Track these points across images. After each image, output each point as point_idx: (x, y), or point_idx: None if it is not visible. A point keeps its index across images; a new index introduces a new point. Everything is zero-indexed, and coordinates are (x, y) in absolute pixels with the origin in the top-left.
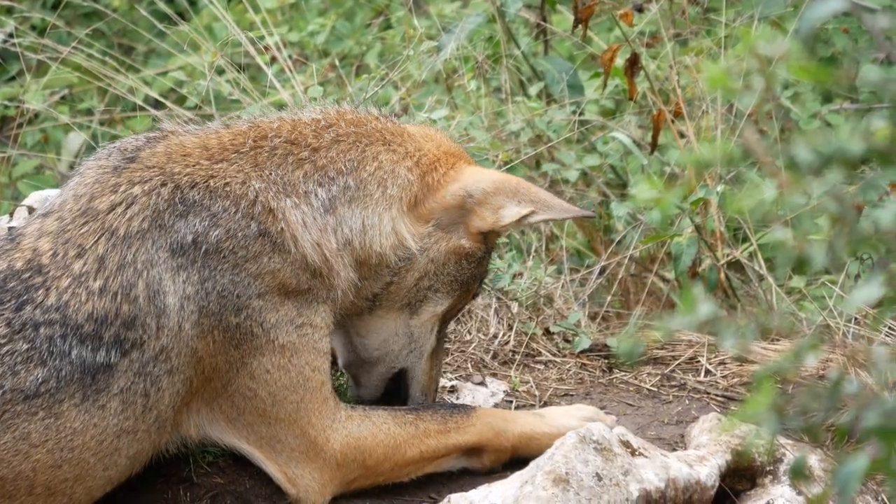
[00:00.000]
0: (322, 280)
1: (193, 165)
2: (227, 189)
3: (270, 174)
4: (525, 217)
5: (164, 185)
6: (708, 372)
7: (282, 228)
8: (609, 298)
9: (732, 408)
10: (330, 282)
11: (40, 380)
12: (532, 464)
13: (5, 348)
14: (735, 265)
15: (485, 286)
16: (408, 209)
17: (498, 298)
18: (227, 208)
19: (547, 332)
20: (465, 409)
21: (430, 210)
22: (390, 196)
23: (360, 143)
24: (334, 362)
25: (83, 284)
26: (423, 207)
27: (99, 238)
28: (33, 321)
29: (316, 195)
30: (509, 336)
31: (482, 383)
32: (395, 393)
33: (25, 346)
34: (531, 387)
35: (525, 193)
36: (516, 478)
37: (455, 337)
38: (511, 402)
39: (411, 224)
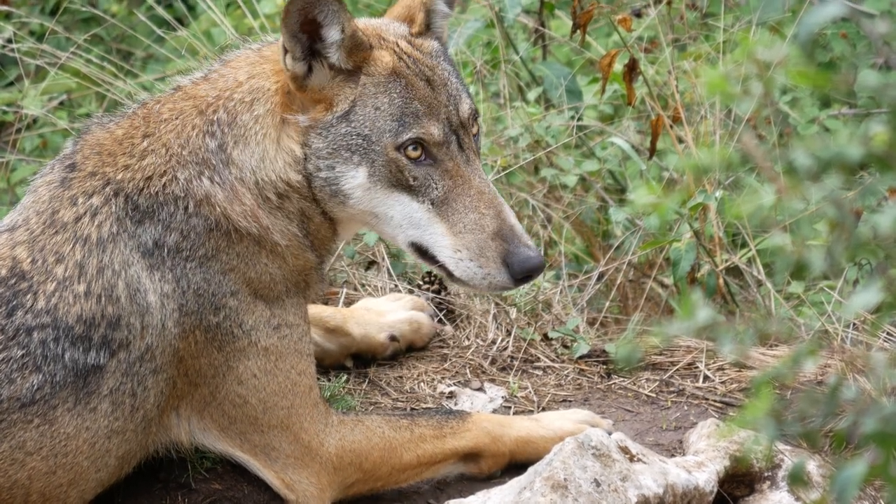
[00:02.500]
0: (273, 255)
1: (125, 168)
2: (166, 192)
3: (182, 150)
4: (298, 53)
5: (116, 195)
6: (706, 378)
7: (219, 213)
8: (607, 304)
9: (731, 413)
10: (275, 243)
11: (36, 386)
12: (530, 469)
13: (1, 355)
14: (734, 271)
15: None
16: (283, 120)
17: (496, 304)
18: (172, 213)
19: (545, 337)
20: (461, 415)
21: (290, 96)
22: (259, 117)
23: (228, 72)
24: (324, 370)
25: (69, 288)
26: (288, 97)
27: (74, 245)
28: (26, 326)
29: (210, 150)
30: (508, 342)
31: (481, 389)
32: (433, 263)
33: (21, 353)
34: (529, 392)
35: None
36: (514, 484)
37: (453, 342)
38: (509, 407)
39: (293, 130)
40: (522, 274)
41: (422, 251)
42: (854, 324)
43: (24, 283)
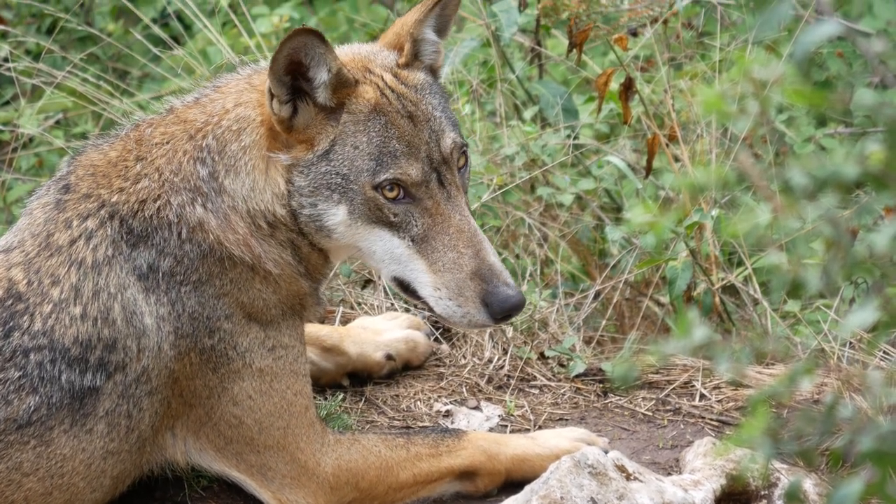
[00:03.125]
0: (266, 281)
1: (119, 190)
2: (160, 216)
3: (174, 176)
4: (283, 96)
5: (111, 217)
6: (703, 396)
7: (212, 239)
8: (604, 323)
9: (727, 432)
10: (267, 271)
11: (32, 408)
12: (527, 488)
13: None
14: (730, 289)
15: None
16: (270, 150)
17: None
18: (166, 238)
19: (542, 356)
20: (457, 433)
21: (276, 133)
22: (246, 147)
23: (217, 98)
24: (321, 389)
25: (65, 310)
26: (278, 139)
27: (69, 268)
28: (23, 347)
29: (201, 178)
30: (504, 360)
31: (477, 408)
32: (415, 298)
33: (17, 374)
34: (526, 411)
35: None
36: (511, 502)
37: (450, 361)
38: (506, 426)
39: (281, 164)
40: (502, 314)
41: (404, 286)
42: (850, 342)
43: (20, 304)
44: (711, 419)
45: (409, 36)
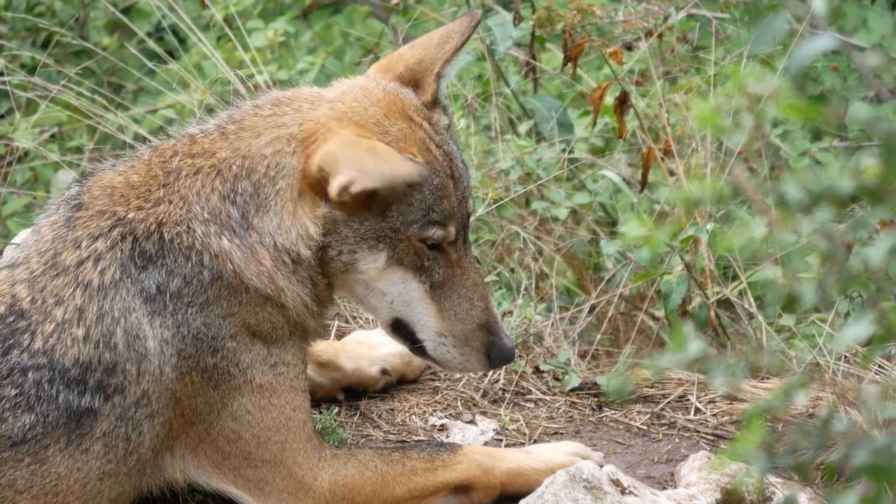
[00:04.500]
0: (277, 307)
1: (138, 209)
2: (179, 241)
3: (202, 210)
4: (345, 188)
5: (123, 238)
6: (698, 410)
7: (230, 268)
8: (599, 337)
9: (722, 446)
10: (283, 303)
11: (28, 426)
12: (522, 502)
13: None
14: (725, 303)
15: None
16: (301, 194)
17: None
18: (179, 261)
19: (537, 370)
20: (452, 447)
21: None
22: (280, 190)
23: (244, 136)
24: (316, 404)
25: (67, 330)
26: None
27: (75, 290)
28: (21, 365)
29: (233, 218)
30: (499, 374)
31: (472, 422)
32: (408, 340)
33: (14, 392)
34: (521, 425)
35: (354, 161)
36: None
37: (445, 375)
38: (501, 440)
39: (309, 208)
40: (500, 364)
41: (401, 327)
42: (845, 356)
43: (22, 321)
44: (707, 433)
45: (437, 76)
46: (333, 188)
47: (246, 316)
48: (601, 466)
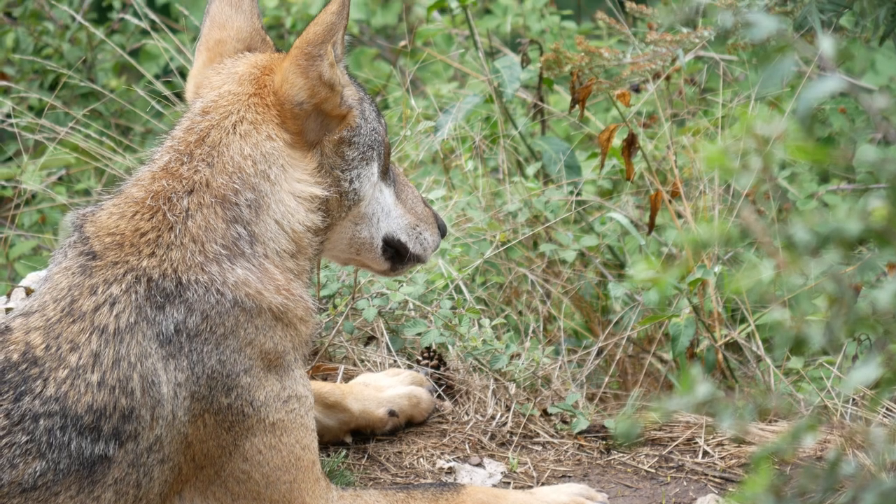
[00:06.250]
0: (286, 325)
1: (150, 255)
2: (196, 279)
3: (213, 245)
4: (335, 60)
5: (137, 281)
6: (706, 453)
7: (252, 292)
8: (607, 379)
9: (730, 489)
10: (294, 317)
11: (38, 472)
12: None
13: (4, 440)
14: (733, 346)
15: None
16: (291, 160)
17: (495, 380)
18: (199, 294)
19: (545, 413)
20: (455, 487)
21: (301, 128)
22: (275, 176)
23: (223, 151)
24: (324, 446)
25: (81, 377)
26: (297, 135)
27: (90, 335)
28: (32, 412)
29: (241, 236)
30: (507, 417)
31: (480, 464)
32: (397, 258)
33: (25, 439)
34: (529, 468)
35: (319, 42)
36: None
37: (452, 418)
38: (509, 482)
39: (306, 171)
40: (444, 232)
41: (390, 243)
42: (853, 399)
43: (35, 368)
44: (715, 476)
45: (263, 32)
46: (325, 66)
47: (262, 341)
48: None
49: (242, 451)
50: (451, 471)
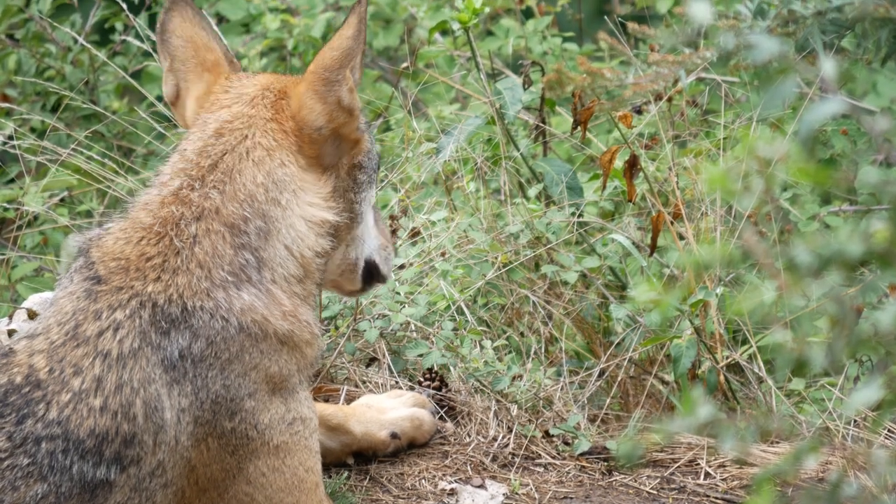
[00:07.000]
0: (292, 348)
1: (156, 280)
2: (201, 304)
3: (220, 271)
4: (353, 85)
5: (142, 306)
6: (708, 475)
7: (257, 319)
8: (608, 401)
9: None
10: (300, 341)
11: (40, 495)
12: None
13: (6, 463)
14: (734, 367)
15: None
16: (305, 184)
17: (497, 401)
18: (204, 320)
19: (546, 434)
20: None
21: (318, 152)
22: (287, 202)
23: (235, 177)
24: (325, 467)
25: (84, 401)
26: (313, 159)
27: (94, 360)
28: (35, 435)
29: (249, 263)
30: (509, 438)
31: (482, 486)
32: (368, 278)
33: (26, 461)
34: (531, 489)
35: (337, 67)
36: None
37: (454, 439)
38: None
39: (319, 195)
40: (395, 253)
41: (370, 265)
42: (855, 420)
43: (38, 391)
44: (717, 498)
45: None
46: (344, 91)
47: (267, 365)
48: None
49: (246, 474)
50: (453, 492)
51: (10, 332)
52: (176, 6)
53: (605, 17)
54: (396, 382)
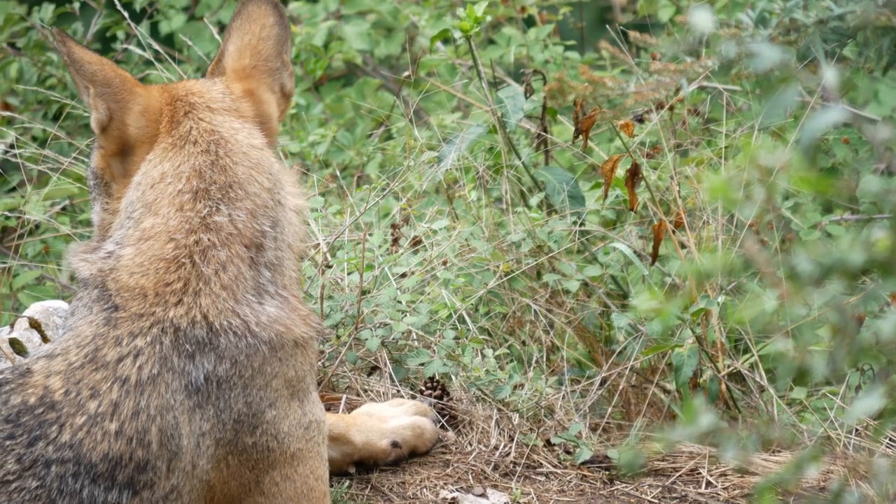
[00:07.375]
0: (304, 345)
1: (176, 304)
2: (227, 325)
3: (245, 291)
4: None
5: (163, 332)
6: (709, 483)
7: (276, 331)
8: (610, 409)
9: None
10: (310, 339)
11: None
12: None
13: (14, 485)
14: (736, 376)
15: None
16: (286, 175)
17: (499, 410)
18: (231, 340)
19: (548, 443)
20: None
21: (273, 141)
22: (284, 199)
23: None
24: (333, 474)
25: (99, 424)
26: (273, 150)
27: (112, 384)
28: (45, 458)
29: (267, 279)
30: (510, 447)
31: (483, 495)
32: None
33: (35, 484)
34: (532, 498)
35: (276, 55)
36: None
37: (456, 448)
38: None
39: (292, 183)
40: None
41: None
42: (857, 429)
43: (52, 413)
44: None
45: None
46: (286, 77)
47: (286, 370)
48: None
49: (262, 486)
50: (454, 501)
51: (12, 342)
52: (66, 39)
53: (607, 26)
54: (398, 391)
